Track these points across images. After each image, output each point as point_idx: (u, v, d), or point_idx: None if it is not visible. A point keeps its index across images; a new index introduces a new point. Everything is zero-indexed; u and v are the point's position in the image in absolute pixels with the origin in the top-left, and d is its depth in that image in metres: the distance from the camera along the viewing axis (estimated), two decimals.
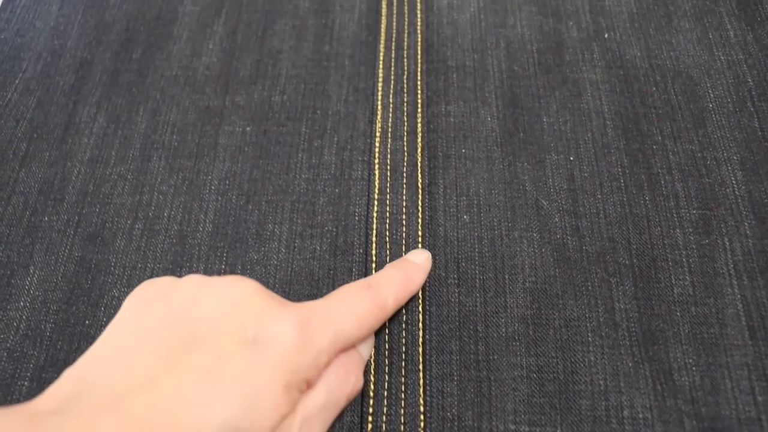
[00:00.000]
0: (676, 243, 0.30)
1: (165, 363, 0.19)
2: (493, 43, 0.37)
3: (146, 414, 0.18)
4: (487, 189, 0.32)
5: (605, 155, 0.33)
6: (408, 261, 0.28)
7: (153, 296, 0.22)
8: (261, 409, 0.19)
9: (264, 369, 0.20)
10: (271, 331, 0.20)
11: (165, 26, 0.39)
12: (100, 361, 0.20)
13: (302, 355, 0.20)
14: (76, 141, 0.36)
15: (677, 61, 0.36)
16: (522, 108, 0.35)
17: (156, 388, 0.19)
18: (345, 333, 0.22)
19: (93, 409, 0.18)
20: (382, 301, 0.25)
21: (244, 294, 0.21)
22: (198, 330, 0.20)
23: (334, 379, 0.22)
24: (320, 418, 0.21)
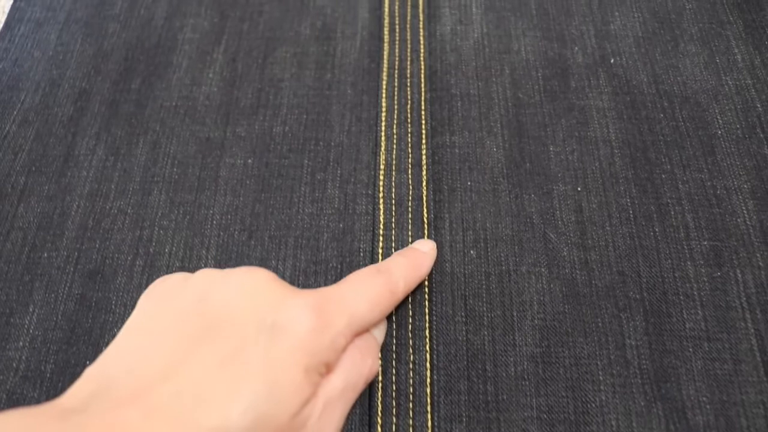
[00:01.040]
0: (687, 276, 0.30)
1: (184, 353, 0.20)
2: (497, 70, 0.37)
3: (170, 403, 0.18)
4: (493, 223, 0.32)
5: (613, 185, 0.33)
6: (414, 249, 0.29)
7: (167, 291, 0.23)
8: (283, 393, 0.19)
9: (284, 354, 0.20)
10: (288, 316, 0.21)
11: (164, 54, 0.39)
12: (119, 357, 0.21)
13: (320, 338, 0.21)
14: (75, 174, 0.35)
15: (684, 86, 0.36)
16: (528, 137, 0.34)
17: (177, 377, 0.19)
18: (359, 316, 0.23)
19: (116, 404, 0.18)
20: (393, 284, 0.25)
21: (259, 283, 0.22)
22: (215, 320, 0.20)
23: (351, 363, 0.22)
24: (341, 401, 0.22)
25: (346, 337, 0.22)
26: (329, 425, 0.21)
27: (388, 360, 0.28)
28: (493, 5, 0.40)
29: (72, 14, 0.42)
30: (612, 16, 0.39)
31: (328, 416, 0.21)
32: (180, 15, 0.41)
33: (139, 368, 0.19)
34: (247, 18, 0.40)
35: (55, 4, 0.42)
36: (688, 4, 0.39)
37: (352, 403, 0.23)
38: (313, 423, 0.21)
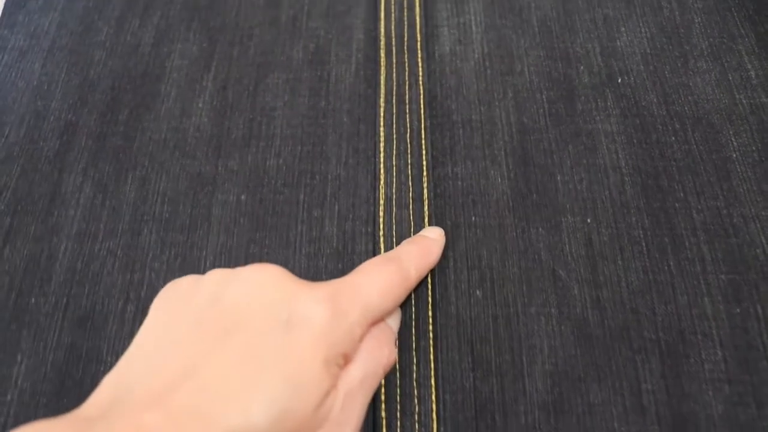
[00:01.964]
0: (704, 313, 0.29)
1: (202, 353, 0.19)
2: (500, 93, 0.35)
3: (190, 404, 0.18)
4: (500, 261, 0.30)
5: (624, 216, 0.31)
6: (423, 236, 0.29)
7: (180, 294, 0.22)
8: (304, 386, 0.19)
9: (302, 347, 0.20)
10: (303, 309, 0.21)
11: (152, 83, 0.38)
12: (136, 362, 0.21)
13: (336, 329, 0.21)
14: (62, 213, 0.34)
15: (696, 106, 0.34)
16: (534, 166, 0.33)
17: (197, 377, 0.19)
18: (373, 305, 0.23)
19: (137, 408, 0.18)
20: (404, 272, 0.25)
21: (271, 278, 0.22)
22: (230, 318, 0.20)
23: (369, 353, 0.22)
24: (361, 391, 0.22)
25: (361, 327, 0.22)
26: (352, 416, 0.21)
27: (392, 412, 0.27)
28: (493, 23, 0.38)
29: (56, 42, 0.40)
30: (618, 32, 0.37)
31: (349, 407, 0.21)
32: (167, 40, 0.39)
33: (157, 371, 0.19)
34: (236, 42, 0.39)
35: (39, 31, 0.41)
36: (697, 18, 0.37)
37: (373, 393, 0.23)
38: (335, 414, 0.21)
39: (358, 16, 0.39)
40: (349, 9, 0.39)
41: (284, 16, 0.39)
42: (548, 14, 0.38)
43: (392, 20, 0.38)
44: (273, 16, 0.40)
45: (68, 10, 0.42)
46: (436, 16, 0.39)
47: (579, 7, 0.38)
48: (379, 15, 0.38)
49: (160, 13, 0.41)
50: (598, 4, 0.38)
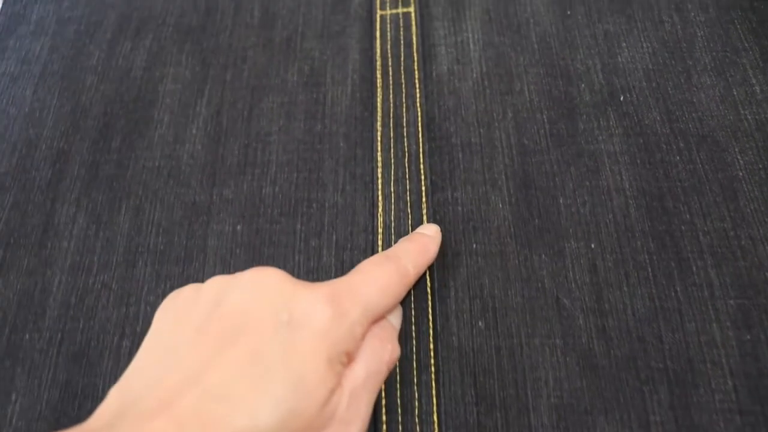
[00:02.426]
0: (713, 340, 0.28)
1: (206, 359, 0.20)
2: (499, 114, 0.35)
3: (196, 410, 0.18)
4: (502, 289, 0.30)
5: (629, 240, 0.30)
6: (420, 234, 0.29)
7: (181, 303, 0.23)
8: (309, 386, 0.19)
9: (304, 347, 0.20)
10: (303, 310, 0.21)
11: (145, 109, 0.37)
12: (140, 373, 0.21)
13: (337, 328, 0.21)
14: (55, 245, 0.33)
15: (701, 123, 0.33)
16: (535, 189, 0.32)
17: (201, 383, 0.19)
18: (373, 303, 0.23)
19: (144, 418, 0.18)
20: (402, 269, 0.25)
21: (270, 281, 0.22)
22: (232, 323, 0.20)
23: (371, 350, 0.23)
24: (366, 389, 0.22)
25: (362, 326, 0.22)
26: (358, 414, 0.21)
27: None
28: (491, 41, 0.37)
29: (48, 67, 0.40)
30: (619, 47, 0.36)
31: (355, 405, 0.21)
32: (160, 64, 0.39)
33: (162, 380, 0.19)
34: (230, 65, 0.38)
35: (30, 56, 0.40)
36: (700, 31, 0.37)
37: (378, 391, 0.23)
38: (341, 413, 0.21)
39: (353, 36, 0.39)
40: (344, 29, 0.39)
41: (278, 37, 0.39)
42: (547, 30, 0.37)
43: (388, 40, 0.37)
44: (267, 37, 0.39)
45: (59, 34, 0.41)
46: (433, 34, 0.38)
47: (579, 23, 0.38)
48: (374, 34, 0.38)
49: (152, 35, 0.40)
50: (599, 19, 0.38)
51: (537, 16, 0.38)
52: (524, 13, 0.38)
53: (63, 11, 0.42)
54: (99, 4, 0.42)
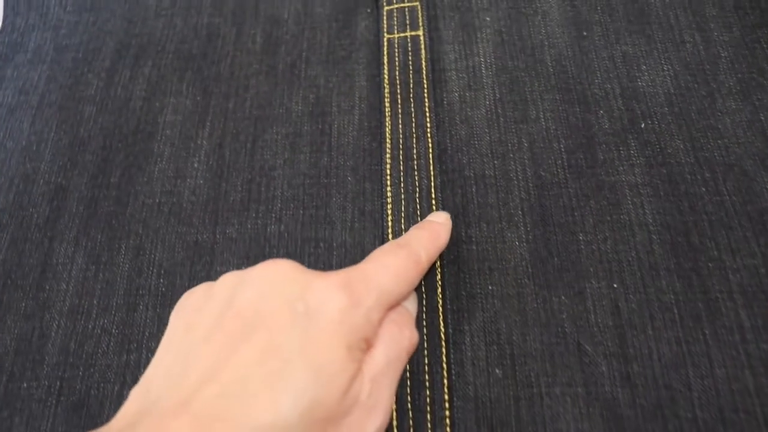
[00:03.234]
0: (746, 388, 0.27)
1: (223, 356, 0.20)
2: (514, 144, 0.33)
3: (215, 407, 0.18)
4: (520, 335, 0.28)
5: (654, 279, 0.29)
6: (430, 221, 0.29)
7: (195, 302, 0.23)
8: (330, 375, 0.19)
9: (322, 336, 0.20)
10: (319, 299, 0.21)
11: (144, 141, 0.36)
12: (158, 374, 0.21)
13: (354, 314, 0.21)
14: (53, 287, 0.33)
15: (726, 151, 0.32)
16: (554, 225, 0.31)
17: (219, 380, 0.19)
18: (388, 290, 0.23)
19: (163, 417, 0.18)
20: (415, 256, 0.25)
21: (282, 273, 0.22)
22: (247, 318, 0.20)
23: (390, 336, 0.23)
24: (387, 375, 0.22)
25: (378, 312, 0.22)
26: (380, 401, 0.21)
27: None
28: (504, 65, 0.36)
29: (45, 97, 0.39)
30: (639, 70, 0.35)
31: (377, 393, 0.21)
32: (160, 93, 0.38)
33: (180, 380, 0.20)
34: (232, 94, 0.37)
35: (28, 86, 0.40)
36: (723, 52, 0.35)
37: (399, 378, 0.23)
38: (363, 400, 0.21)
39: (359, 61, 0.37)
40: (350, 54, 0.38)
41: (281, 63, 0.38)
42: (563, 53, 0.36)
43: (396, 65, 0.36)
44: (270, 64, 0.38)
45: (57, 62, 0.40)
46: (443, 59, 0.37)
47: (596, 45, 0.36)
48: (382, 60, 0.36)
49: (151, 62, 0.39)
50: (616, 40, 0.36)
51: (552, 38, 0.37)
52: (538, 34, 0.37)
53: (60, 38, 0.41)
54: (97, 31, 0.41)
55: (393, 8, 0.38)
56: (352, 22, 0.39)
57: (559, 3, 0.38)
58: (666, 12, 0.37)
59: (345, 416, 0.20)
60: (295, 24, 0.40)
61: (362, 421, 0.21)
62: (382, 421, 0.21)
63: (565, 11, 0.38)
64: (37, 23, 0.43)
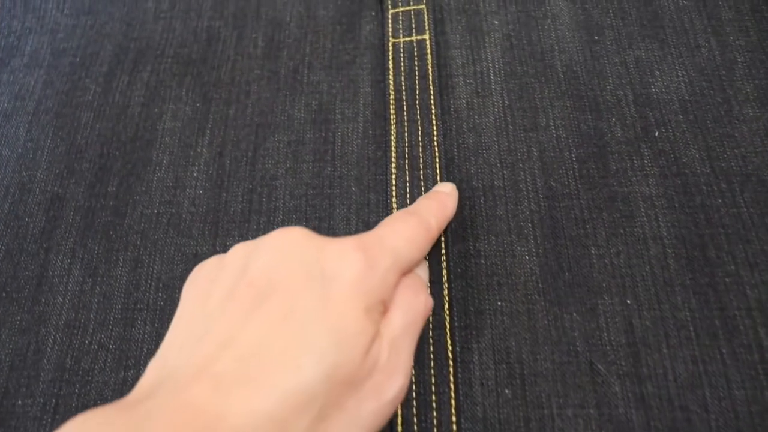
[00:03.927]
0: (765, 410, 0.26)
1: (240, 322, 0.20)
2: (524, 153, 0.32)
3: (235, 370, 0.18)
4: (531, 353, 0.28)
5: (668, 295, 0.28)
6: (437, 191, 0.29)
7: (207, 274, 0.23)
8: (349, 337, 0.19)
9: (340, 298, 0.20)
10: (335, 262, 0.21)
11: (143, 149, 0.35)
12: (175, 345, 0.21)
13: (371, 276, 0.21)
14: (50, 300, 0.32)
15: (744, 160, 0.31)
16: (565, 238, 0.30)
17: (238, 345, 0.19)
18: (402, 253, 0.23)
19: (182, 385, 0.18)
20: (426, 223, 0.26)
21: (295, 239, 0.22)
22: (262, 285, 0.20)
23: (406, 300, 0.23)
24: (405, 338, 0.22)
25: (394, 275, 0.22)
26: (400, 363, 0.21)
27: None
28: (513, 71, 0.35)
29: (42, 103, 0.38)
30: (652, 76, 0.34)
31: (396, 355, 0.21)
32: (159, 99, 0.37)
33: (197, 349, 0.19)
34: (233, 100, 0.36)
35: (24, 92, 0.39)
36: (740, 57, 0.34)
37: (416, 341, 0.23)
38: (383, 363, 0.21)
39: (364, 66, 0.37)
40: (354, 59, 0.37)
41: (283, 68, 0.37)
42: (574, 58, 0.35)
43: (402, 70, 0.35)
44: (271, 69, 0.37)
45: (54, 67, 0.40)
46: (450, 64, 0.36)
47: (607, 49, 0.35)
48: (387, 65, 0.36)
49: (150, 67, 0.38)
50: (629, 44, 0.35)
51: (562, 42, 0.36)
52: (548, 38, 0.36)
53: (58, 42, 0.41)
54: (95, 34, 0.41)
55: (398, 11, 0.37)
56: (356, 26, 0.38)
57: (570, 6, 0.37)
58: (680, 15, 0.36)
59: (366, 379, 0.20)
60: (298, 27, 0.39)
61: (383, 383, 0.20)
62: (402, 384, 0.21)
63: (576, 15, 0.37)
64: (34, 26, 0.42)
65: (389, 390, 0.20)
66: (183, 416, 0.17)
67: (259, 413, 0.17)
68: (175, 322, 0.22)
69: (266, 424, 0.17)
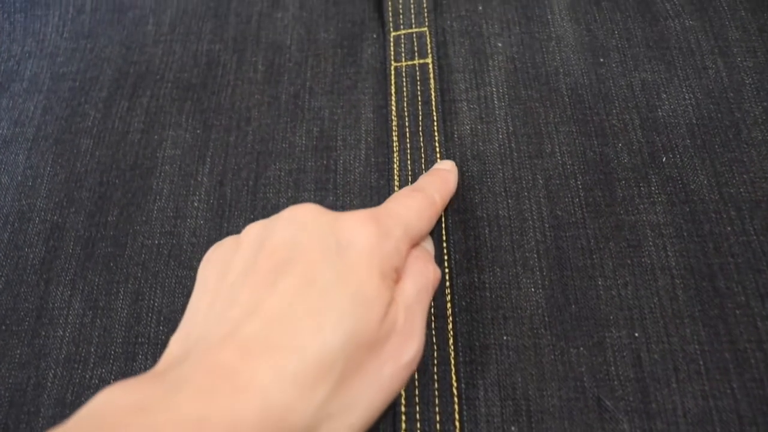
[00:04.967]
0: None
1: (262, 292, 0.20)
2: (529, 181, 0.32)
3: (262, 334, 0.19)
4: (537, 390, 0.27)
5: (677, 328, 0.28)
6: (438, 169, 0.31)
7: (224, 253, 0.23)
8: (368, 300, 0.20)
9: (357, 265, 0.21)
10: (350, 232, 0.22)
11: (143, 178, 0.35)
12: (198, 318, 0.22)
13: (384, 244, 0.22)
14: (50, 333, 0.32)
15: (753, 186, 0.31)
16: (571, 269, 0.30)
17: (262, 311, 0.20)
18: (411, 224, 0.24)
19: (209, 350, 0.19)
20: (431, 198, 0.27)
21: (309, 214, 0.23)
22: (281, 257, 0.21)
23: (416, 269, 0.24)
24: (418, 305, 0.23)
25: (405, 244, 0.24)
26: (414, 328, 0.22)
27: None
28: (518, 95, 0.35)
29: (41, 129, 0.38)
30: (659, 99, 0.34)
31: (411, 320, 0.22)
32: (158, 126, 0.37)
33: (220, 319, 0.20)
34: (233, 127, 0.36)
35: (24, 117, 0.39)
36: (748, 78, 0.34)
37: (427, 309, 0.24)
38: (400, 328, 0.22)
39: (365, 91, 0.36)
40: (355, 83, 0.37)
41: (284, 93, 0.37)
42: (579, 81, 0.35)
43: (404, 96, 0.35)
44: (272, 94, 0.37)
45: (53, 91, 0.40)
46: (453, 88, 0.36)
47: (613, 72, 0.35)
48: (389, 90, 0.35)
49: (149, 92, 0.38)
50: (635, 66, 0.35)
51: (567, 65, 0.36)
52: (553, 61, 0.36)
53: (57, 66, 0.41)
54: (95, 58, 0.40)
55: (400, 34, 0.37)
56: (358, 49, 0.38)
57: (575, 27, 0.37)
58: (686, 36, 0.36)
59: (384, 343, 0.21)
60: (298, 51, 0.39)
61: (400, 347, 0.21)
62: (418, 348, 0.22)
63: (580, 36, 0.37)
64: (34, 50, 0.42)
65: (406, 353, 0.22)
66: (213, 379, 0.18)
67: (286, 375, 0.18)
68: (196, 298, 0.23)
69: (293, 386, 0.18)
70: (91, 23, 0.42)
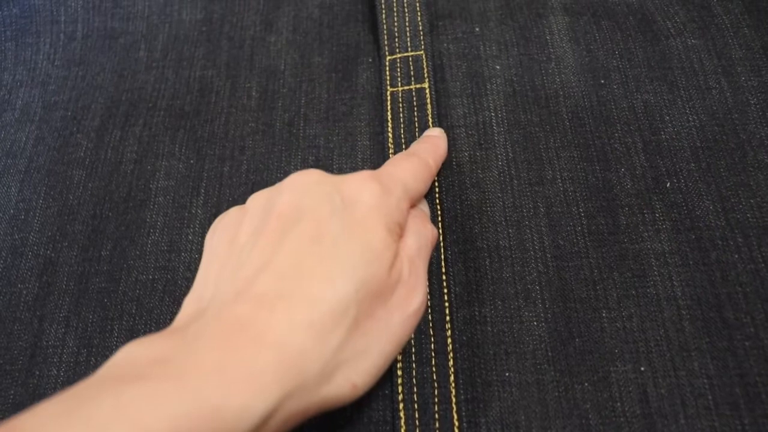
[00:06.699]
0: None
1: (273, 248, 0.21)
2: (530, 210, 0.32)
3: (274, 288, 0.20)
4: (541, 428, 0.27)
5: (684, 361, 0.28)
6: (428, 136, 0.33)
7: (231, 221, 0.25)
8: (376, 251, 0.22)
9: (364, 219, 0.23)
10: (354, 190, 0.23)
11: (136, 210, 0.35)
12: (210, 280, 0.23)
13: (387, 201, 0.24)
14: (44, 373, 0.32)
15: (760, 211, 0.31)
16: (574, 300, 0.29)
17: (274, 267, 0.21)
18: (410, 185, 0.26)
19: (226, 307, 0.20)
20: (425, 160, 0.29)
21: (314, 176, 0.24)
22: (288, 218, 0.22)
23: (416, 227, 0.26)
24: (420, 259, 0.25)
25: (406, 202, 0.25)
26: (418, 280, 0.24)
27: None
28: (517, 120, 0.35)
29: (34, 160, 0.38)
30: (662, 121, 0.34)
31: (415, 273, 0.24)
32: (152, 155, 0.37)
33: (233, 277, 0.21)
34: (227, 157, 0.36)
35: (15, 149, 0.39)
36: (752, 99, 0.34)
37: (427, 265, 0.26)
38: (405, 279, 0.23)
39: (361, 117, 0.36)
40: (351, 110, 0.37)
41: (278, 121, 0.37)
42: (579, 103, 0.35)
43: (401, 122, 0.35)
44: (266, 122, 0.37)
45: (45, 121, 0.40)
46: (451, 114, 0.35)
47: (614, 94, 0.35)
48: (386, 116, 0.35)
49: (142, 121, 0.38)
50: (636, 88, 0.35)
51: (567, 87, 0.35)
52: (553, 84, 0.36)
53: (49, 95, 0.41)
54: (86, 86, 0.40)
55: (396, 58, 0.37)
56: (353, 74, 0.38)
57: (574, 48, 0.37)
58: (689, 56, 0.35)
59: (392, 292, 0.23)
60: (292, 76, 0.38)
61: (406, 298, 0.23)
62: (422, 299, 0.24)
63: (580, 57, 0.36)
64: (25, 79, 0.42)
65: (413, 302, 0.23)
66: (230, 332, 0.19)
67: (300, 324, 0.19)
68: (206, 262, 0.24)
69: (307, 334, 0.19)
70: (83, 50, 0.42)
